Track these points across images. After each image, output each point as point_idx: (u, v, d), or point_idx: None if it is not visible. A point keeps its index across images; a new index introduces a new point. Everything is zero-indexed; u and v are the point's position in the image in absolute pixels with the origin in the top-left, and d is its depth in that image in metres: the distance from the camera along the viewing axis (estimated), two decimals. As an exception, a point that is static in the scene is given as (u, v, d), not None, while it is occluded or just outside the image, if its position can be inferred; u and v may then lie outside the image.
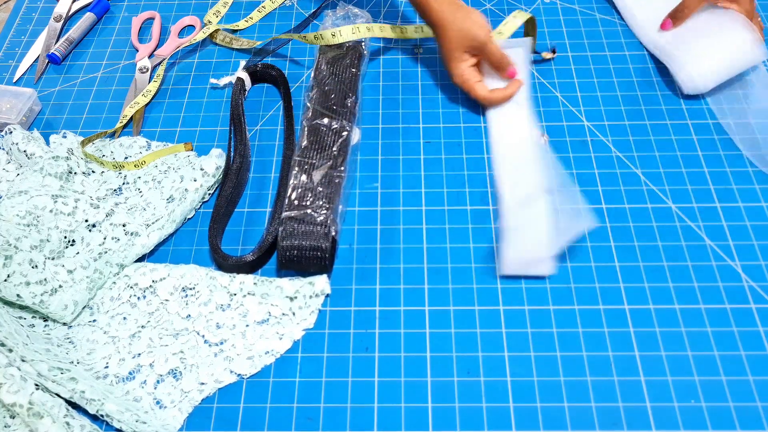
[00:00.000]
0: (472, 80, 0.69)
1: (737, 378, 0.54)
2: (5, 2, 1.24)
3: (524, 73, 0.71)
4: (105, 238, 0.61)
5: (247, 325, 0.58)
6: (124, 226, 0.62)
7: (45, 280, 0.57)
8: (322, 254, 0.58)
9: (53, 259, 0.59)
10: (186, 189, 0.64)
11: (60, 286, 0.57)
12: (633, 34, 0.78)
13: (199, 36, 0.78)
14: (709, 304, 0.58)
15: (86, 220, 0.61)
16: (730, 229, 0.62)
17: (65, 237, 0.60)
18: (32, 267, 0.56)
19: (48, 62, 0.80)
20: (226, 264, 0.61)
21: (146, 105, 0.74)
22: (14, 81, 0.78)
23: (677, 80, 0.71)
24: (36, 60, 0.80)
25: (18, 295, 0.56)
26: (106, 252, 0.61)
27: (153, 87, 0.74)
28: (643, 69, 0.75)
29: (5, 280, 0.55)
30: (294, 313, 0.58)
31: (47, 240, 0.59)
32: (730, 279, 0.59)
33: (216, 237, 0.62)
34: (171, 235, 0.64)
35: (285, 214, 0.60)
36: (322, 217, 0.59)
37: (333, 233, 0.59)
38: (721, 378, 0.54)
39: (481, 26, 0.67)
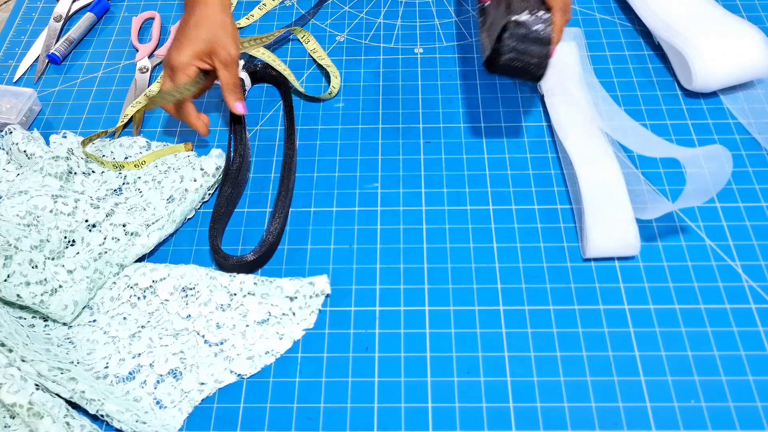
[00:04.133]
0: (179, 75, 0.63)
1: (737, 378, 0.54)
2: (5, 2, 1.24)
3: (576, 70, 0.71)
4: (105, 238, 0.61)
5: (247, 325, 0.58)
6: (124, 226, 0.62)
7: (45, 280, 0.57)
8: (544, 64, 0.59)
9: (53, 259, 0.59)
10: (186, 189, 0.64)
11: (60, 286, 0.57)
12: (633, 34, 0.78)
13: None
14: (709, 304, 0.58)
15: (86, 220, 0.61)
16: (730, 229, 0.62)
17: (65, 237, 0.60)
18: (32, 267, 0.56)
19: (48, 62, 0.79)
20: (226, 264, 0.61)
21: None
22: (14, 81, 0.78)
23: (691, 69, 0.69)
24: (36, 60, 0.80)
25: (18, 295, 0.56)
26: (106, 252, 0.61)
27: (257, 13, 0.76)
28: (643, 69, 0.75)
29: (5, 280, 0.55)
30: (294, 313, 0.58)
31: (47, 240, 0.59)
32: (730, 279, 0.59)
33: (216, 237, 0.62)
34: (171, 235, 0.64)
35: (515, 17, 0.59)
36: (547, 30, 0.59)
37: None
38: (721, 378, 0.54)
39: (236, 41, 0.64)
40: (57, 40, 0.81)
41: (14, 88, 0.74)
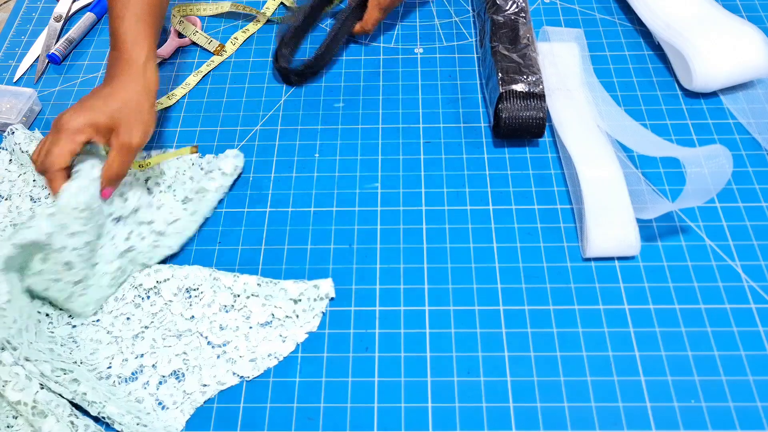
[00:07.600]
0: (63, 139, 0.55)
1: (737, 378, 0.54)
2: (5, 2, 1.24)
3: (576, 70, 0.71)
4: (130, 233, 0.60)
5: (251, 327, 0.58)
6: (149, 224, 0.61)
7: (79, 280, 0.56)
8: (541, 122, 0.66)
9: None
10: (206, 189, 0.64)
11: (89, 284, 0.57)
12: (633, 34, 0.78)
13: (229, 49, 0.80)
14: (709, 304, 0.58)
15: (111, 213, 0.60)
16: (730, 229, 0.62)
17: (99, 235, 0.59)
18: (65, 264, 0.55)
19: (48, 62, 0.79)
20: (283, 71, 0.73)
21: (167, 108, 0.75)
22: (14, 81, 0.78)
23: (691, 69, 0.69)
24: (36, 60, 0.80)
25: (46, 289, 0.55)
26: (131, 250, 0.60)
27: (179, 92, 0.75)
28: (643, 69, 0.75)
29: (37, 273, 0.55)
30: (298, 316, 0.58)
31: (95, 239, 0.57)
32: (730, 279, 0.59)
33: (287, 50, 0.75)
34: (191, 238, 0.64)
35: (504, 87, 0.66)
36: (538, 89, 0.66)
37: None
38: (721, 378, 0.54)
39: (146, 131, 0.57)
40: (57, 40, 0.81)
41: (14, 88, 0.74)
